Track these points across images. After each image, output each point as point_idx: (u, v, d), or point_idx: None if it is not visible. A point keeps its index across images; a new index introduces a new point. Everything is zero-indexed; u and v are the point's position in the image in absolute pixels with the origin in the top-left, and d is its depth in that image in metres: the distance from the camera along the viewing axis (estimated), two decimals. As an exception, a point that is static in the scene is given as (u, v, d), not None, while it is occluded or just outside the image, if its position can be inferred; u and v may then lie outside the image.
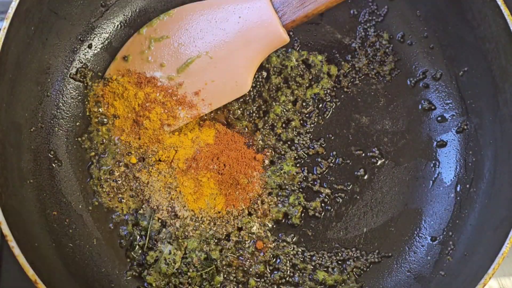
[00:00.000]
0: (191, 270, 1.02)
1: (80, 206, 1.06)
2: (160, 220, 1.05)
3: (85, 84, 1.12)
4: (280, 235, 1.07)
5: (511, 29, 0.98)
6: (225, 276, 1.03)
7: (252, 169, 1.08)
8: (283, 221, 1.08)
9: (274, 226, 1.08)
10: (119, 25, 1.17)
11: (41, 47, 1.04)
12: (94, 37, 1.15)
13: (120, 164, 1.08)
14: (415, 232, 1.08)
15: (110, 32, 1.16)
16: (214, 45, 1.07)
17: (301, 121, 1.14)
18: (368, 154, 1.13)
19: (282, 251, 1.05)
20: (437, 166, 1.12)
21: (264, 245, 1.05)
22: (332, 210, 1.09)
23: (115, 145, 1.09)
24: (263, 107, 1.15)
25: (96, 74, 1.14)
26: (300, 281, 1.03)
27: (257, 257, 1.04)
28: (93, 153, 1.09)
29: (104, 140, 1.10)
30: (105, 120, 1.10)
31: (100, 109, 1.11)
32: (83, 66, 1.13)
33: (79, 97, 1.12)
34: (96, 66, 1.14)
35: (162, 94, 1.08)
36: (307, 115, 1.15)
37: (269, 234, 1.06)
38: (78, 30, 1.12)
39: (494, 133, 1.04)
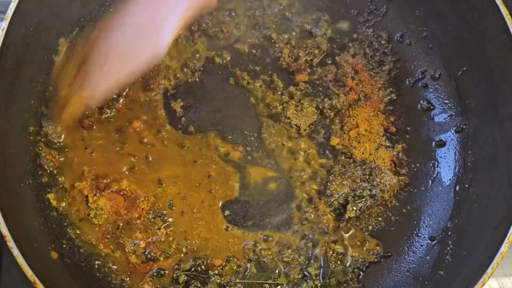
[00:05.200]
0: None
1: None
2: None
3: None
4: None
5: (510, 29, 0.98)
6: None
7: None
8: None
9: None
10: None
11: (40, 48, 1.04)
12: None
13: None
14: (414, 232, 1.08)
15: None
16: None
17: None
18: (368, 154, 1.13)
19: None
20: (436, 165, 1.12)
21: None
22: (331, 210, 1.10)
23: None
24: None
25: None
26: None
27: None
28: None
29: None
30: None
31: None
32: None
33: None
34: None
35: None
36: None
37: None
38: (79, 30, 1.12)
39: (493, 132, 1.04)
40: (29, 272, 0.84)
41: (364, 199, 1.07)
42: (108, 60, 0.98)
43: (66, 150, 1.07)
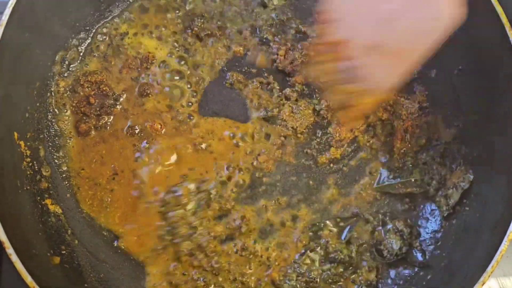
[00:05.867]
0: None
1: (78, 212, 1.06)
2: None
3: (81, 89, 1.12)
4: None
5: (505, 28, 0.98)
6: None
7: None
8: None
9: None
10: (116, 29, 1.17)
11: (36, 53, 1.04)
12: (91, 42, 1.15)
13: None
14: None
15: (106, 36, 1.16)
16: None
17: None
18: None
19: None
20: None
21: None
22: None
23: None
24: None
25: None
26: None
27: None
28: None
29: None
30: None
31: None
32: (80, 71, 1.13)
33: (76, 102, 1.12)
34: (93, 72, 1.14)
35: None
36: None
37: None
38: (74, 36, 1.13)
39: (490, 131, 1.04)
40: (28, 279, 0.84)
41: None
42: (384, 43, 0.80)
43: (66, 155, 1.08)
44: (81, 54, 1.14)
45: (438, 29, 0.77)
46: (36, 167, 1.04)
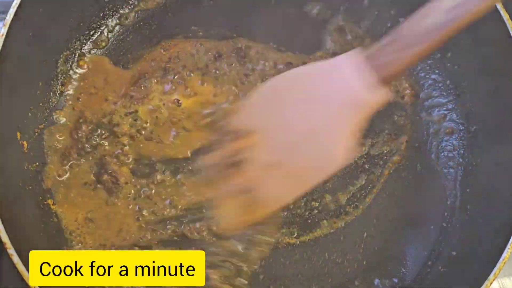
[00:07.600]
0: None
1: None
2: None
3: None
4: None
5: (510, 33, 0.98)
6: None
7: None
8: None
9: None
10: (118, 32, 1.17)
11: (40, 53, 1.04)
12: (93, 43, 1.15)
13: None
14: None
15: (109, 38, 1.16)
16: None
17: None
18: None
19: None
20: (436, 169, 1.12)
21: None
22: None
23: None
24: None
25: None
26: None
27: None
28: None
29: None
30: None
31: None
32: (82, 71, 1.13)
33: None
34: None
35: None
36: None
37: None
38: (77, 36, 1.13)
39: (492, 136, 1.04)
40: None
41: None
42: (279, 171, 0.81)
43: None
44: (84, 48, 1.14)
45: (335, 165, 0.80)
46: (38, 167, 1.04)
